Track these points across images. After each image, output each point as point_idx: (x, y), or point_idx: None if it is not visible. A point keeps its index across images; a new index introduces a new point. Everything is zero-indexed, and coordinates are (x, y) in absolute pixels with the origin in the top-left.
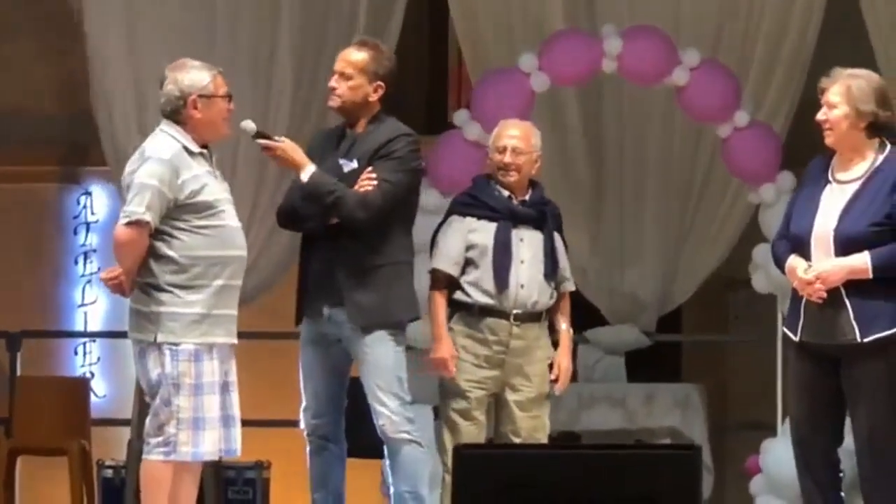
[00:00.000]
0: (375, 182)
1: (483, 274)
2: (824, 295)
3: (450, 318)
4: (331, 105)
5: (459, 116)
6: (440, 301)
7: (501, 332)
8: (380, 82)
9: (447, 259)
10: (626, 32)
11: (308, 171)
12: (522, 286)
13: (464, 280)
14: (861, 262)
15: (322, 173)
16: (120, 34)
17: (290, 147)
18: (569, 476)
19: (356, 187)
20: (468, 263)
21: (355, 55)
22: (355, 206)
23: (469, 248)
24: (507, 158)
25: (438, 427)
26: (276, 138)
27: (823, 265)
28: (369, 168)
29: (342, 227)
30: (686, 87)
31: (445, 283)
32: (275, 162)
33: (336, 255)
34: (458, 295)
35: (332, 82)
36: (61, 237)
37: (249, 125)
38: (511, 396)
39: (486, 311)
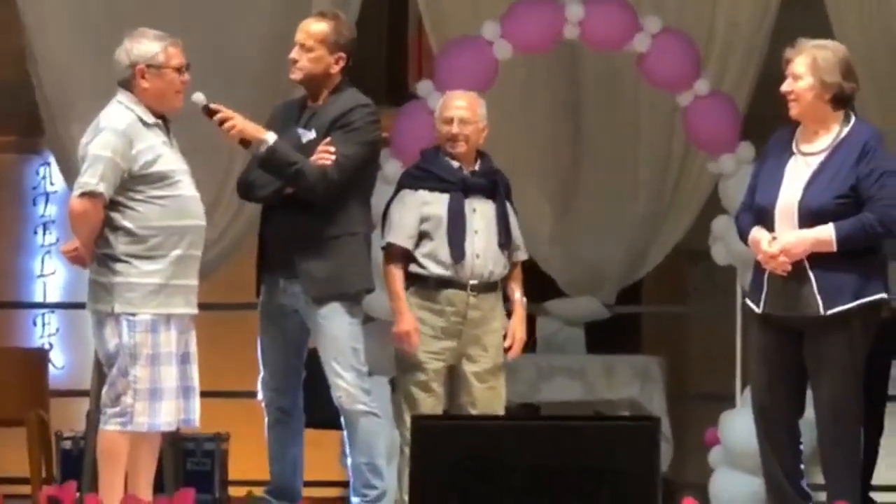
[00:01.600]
0: (334, 156)
1: (438, 245)
2: (789, 268)
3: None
4: (292, 77)
5: (423, 87)
6: (398, 275)
7: (459, 302)
8: (341, 53)
9: (402, 233)
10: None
11: (268, 140)
12: (478, 256)
13: (419, 253)
14: (826, 234)
15: (283, 143)
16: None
17: (242, 119)
18: (528, 448)
19: (312, 158)
20: (423, 236)
21: (315, 26)
22: (315, 179)
23: (423, 220)
24: (455, 129)
25: (396, 399)
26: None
27: (788, 238)
28: (327, 139)
29: (298, 198)
30: (647, 54)
31: (401, 256)
32: (229, 136)
33: (292, 226)
34: (414, 268)
35: (293, 54)
36: (20, 207)
37: (199, 97)
38: (469, 367)
39: (442, 282)
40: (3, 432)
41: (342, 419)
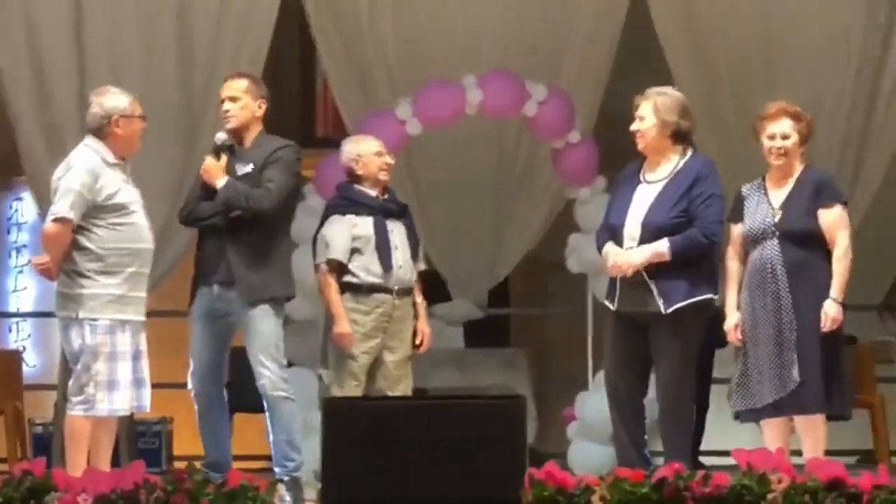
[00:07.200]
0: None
1: (369, 259)
2: (630, 272)
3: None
4: (228, 126)
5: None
6: (335, 285)
7: (387, 304)
8: (262, 100)
9: (339, 250)
10: (482, 81)
11: (222, 181)
12: (400, 267)
13: (352, 266)
14: (661, 247)
15: (234, 182)
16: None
17: (218, 166)
18: (419, 423)
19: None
20: (354, 252)
21: (239, 82)
22: (261, 201)
23: (354, 238)
24: (390, 160)
25: (323, 388)
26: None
27: (630, 253)
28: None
29: (239, 219)
30: (535, 117)
31: (336, 269)
32: (204, 171)
33: (228, 241)
34: (348, 278)
35: (225, 106)
36: None
37: (224, 137)
38: (389, 357)
39: (374, 288)
40: None
41: (265, 403)
